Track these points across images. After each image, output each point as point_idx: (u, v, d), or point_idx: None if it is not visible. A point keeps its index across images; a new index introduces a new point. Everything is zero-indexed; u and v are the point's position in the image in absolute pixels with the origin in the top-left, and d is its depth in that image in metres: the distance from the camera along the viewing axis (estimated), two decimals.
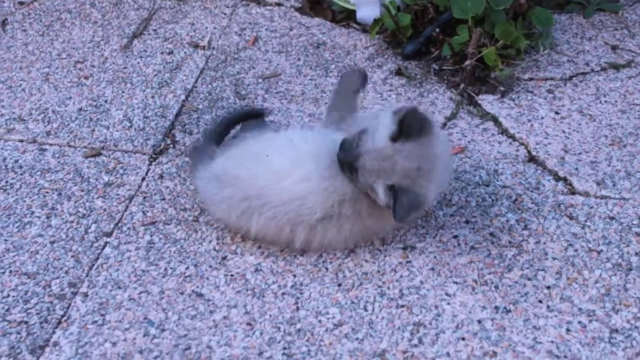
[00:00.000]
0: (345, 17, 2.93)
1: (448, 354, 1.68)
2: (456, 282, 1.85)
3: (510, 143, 2.30)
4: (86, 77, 2.62)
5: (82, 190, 2.14)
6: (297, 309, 1.79)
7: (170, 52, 2.75)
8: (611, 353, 1.68)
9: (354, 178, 1.78)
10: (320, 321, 1.76)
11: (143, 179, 2.18)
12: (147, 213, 2.06)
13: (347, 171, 1.79)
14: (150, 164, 2.23)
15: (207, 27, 2.89)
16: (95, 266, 1.91)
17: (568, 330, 1.73)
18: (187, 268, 1.89)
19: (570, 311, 1.77)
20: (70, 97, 2.52)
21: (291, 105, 2.46)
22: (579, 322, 1.75)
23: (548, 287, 1.83)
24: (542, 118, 2.40)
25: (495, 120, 2.40)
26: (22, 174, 2.20)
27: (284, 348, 1.70)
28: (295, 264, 1.90)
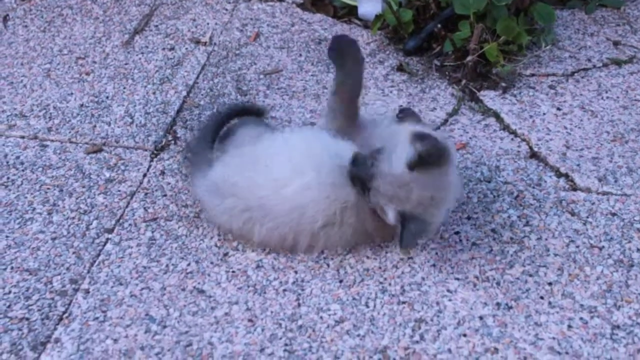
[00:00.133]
0: (347, 13, 2.93)
1: (449, 351, 1.68)
2: (458, 279, 1.85)
3: (512, 139, 2.30)
4: (87, 73, 2.62)
5: (84, 187, 2.14)
6: (299, 305, 1.79)
7: (172, 48, 2.74)
8: (613, 349, 1.68)
9: (364, 194, 1.77)
10: (321, 317, 1.76)
11: (144, 175, 2.18)
12: (148, 209, 2.06)
13: (358, 186, 1.78)
14: (151, 160, 2.23)
15: (208, 23, 2.88)
16: (97, 262, 1.91)
17: (570, 326, 1.73)
18: (189, 264, 1.89)
19: (572, 307, 1.77)
20: (72, 93, 2.52)
21: (293, 101, 2.46)
22: (581, 319, 1.75)
23: (550, 284, 1.83)
24: (544, 114, 2.39)
25: (496, 116, 2.39)
26: (23, 170, 2.20)
27: (286, 344, 1.70)
28: (297, 261, 1.89)
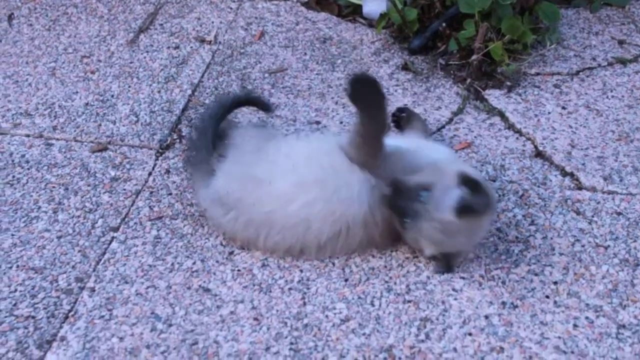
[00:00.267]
0: (352, 12, 2.93)
1: (455, 350, 1.68)
2: (463, 278, 1.85)
3: (517, 138, 2.29)
4: (92, 72, 2.62)
5: (89, 185, 2.14)
6: (304, 304, 1.79)
7: (177, 47, 2.75)
8: (618, 349, 1.68)
9: (400, 224, 1.79)
10: (327, 316, 1.76)
11: (150, 174, 2.18)
12: (153, 208, 2.06)
13: (395, 214, 1.79)
14: (156, 159, 2.23)
15: (213, 22, 2.88)
16: (102, 261, 1.91)
17: (575, 325, 1.73)
18: (194, 263, 1.89)
19: (578, 307, 1.77)
20: (77, 92, 2.52)
21: (298, 100, 2.46)
22: (586, 318, 1.75)
23: (555, 283, 1.83)
24: (549, 113, 2.39)
25: (501, 115, 2.39)
26: (28, 168, 2.20)
27: (291, 343, 1.70)
28: (302, 259, 1.89)
